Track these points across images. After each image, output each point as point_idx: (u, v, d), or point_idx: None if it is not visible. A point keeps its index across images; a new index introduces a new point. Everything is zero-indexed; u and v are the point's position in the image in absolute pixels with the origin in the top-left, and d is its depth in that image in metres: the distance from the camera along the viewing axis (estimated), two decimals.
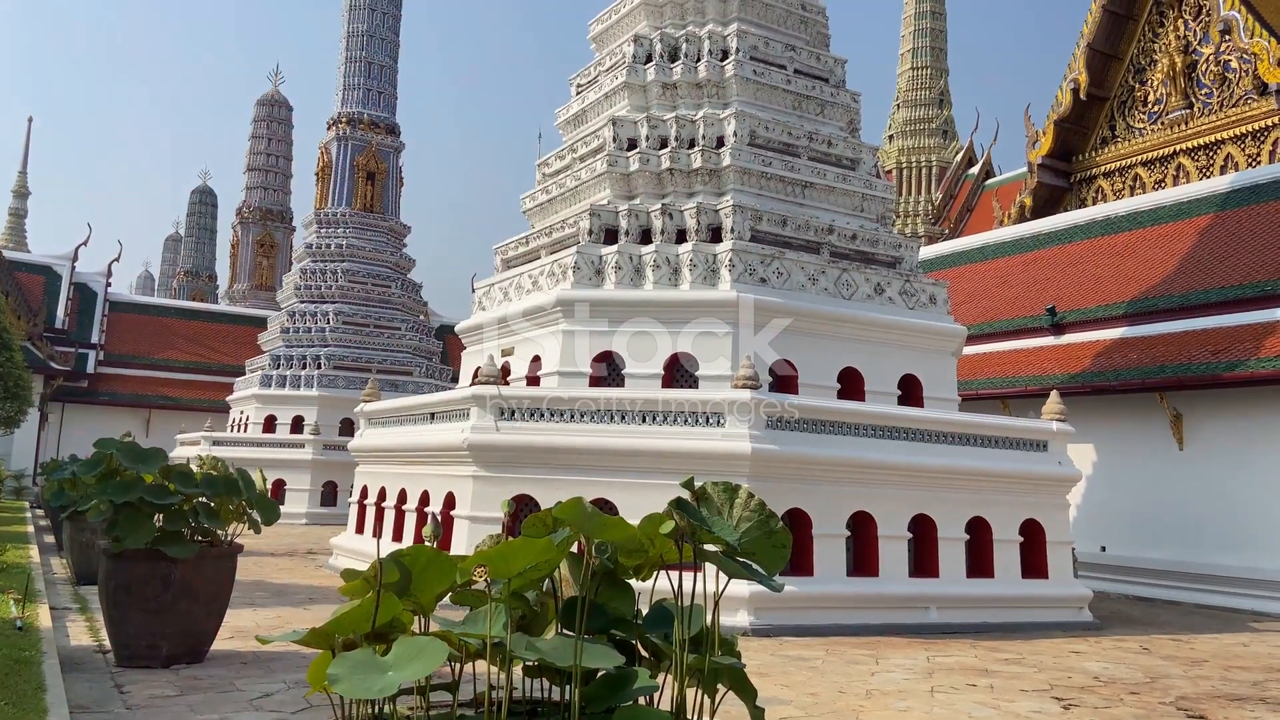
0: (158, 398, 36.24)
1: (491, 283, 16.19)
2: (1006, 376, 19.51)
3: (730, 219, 13.51)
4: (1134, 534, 16.86)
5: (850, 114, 16.06)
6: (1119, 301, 18.90)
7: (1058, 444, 13.06)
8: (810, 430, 11.28)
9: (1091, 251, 21.23)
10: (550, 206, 16.04)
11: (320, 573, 14.71)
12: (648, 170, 14.35)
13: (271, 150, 49.71)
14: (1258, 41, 21.22)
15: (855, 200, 15.15)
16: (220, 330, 40.72)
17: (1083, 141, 26.18)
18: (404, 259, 33.41)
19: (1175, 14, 24.14)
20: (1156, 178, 24.24)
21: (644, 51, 15.45)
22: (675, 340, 13.05)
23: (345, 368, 29.88)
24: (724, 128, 14.42)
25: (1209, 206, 19.38)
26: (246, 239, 48.53)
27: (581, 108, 16.42)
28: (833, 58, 16.16)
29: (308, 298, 31.37)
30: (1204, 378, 15.59)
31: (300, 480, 26.38)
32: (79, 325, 36.63)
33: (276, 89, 50.71)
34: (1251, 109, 22.19)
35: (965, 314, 20.60)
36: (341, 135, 32.71)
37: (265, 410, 29.21)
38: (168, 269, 75.32)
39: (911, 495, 11.72)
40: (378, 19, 33.33)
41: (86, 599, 10.85)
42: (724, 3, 15.56)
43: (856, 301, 14.06)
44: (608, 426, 11.34)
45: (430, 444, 12.88)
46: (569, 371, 13.20)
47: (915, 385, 14.21)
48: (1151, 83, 24.70)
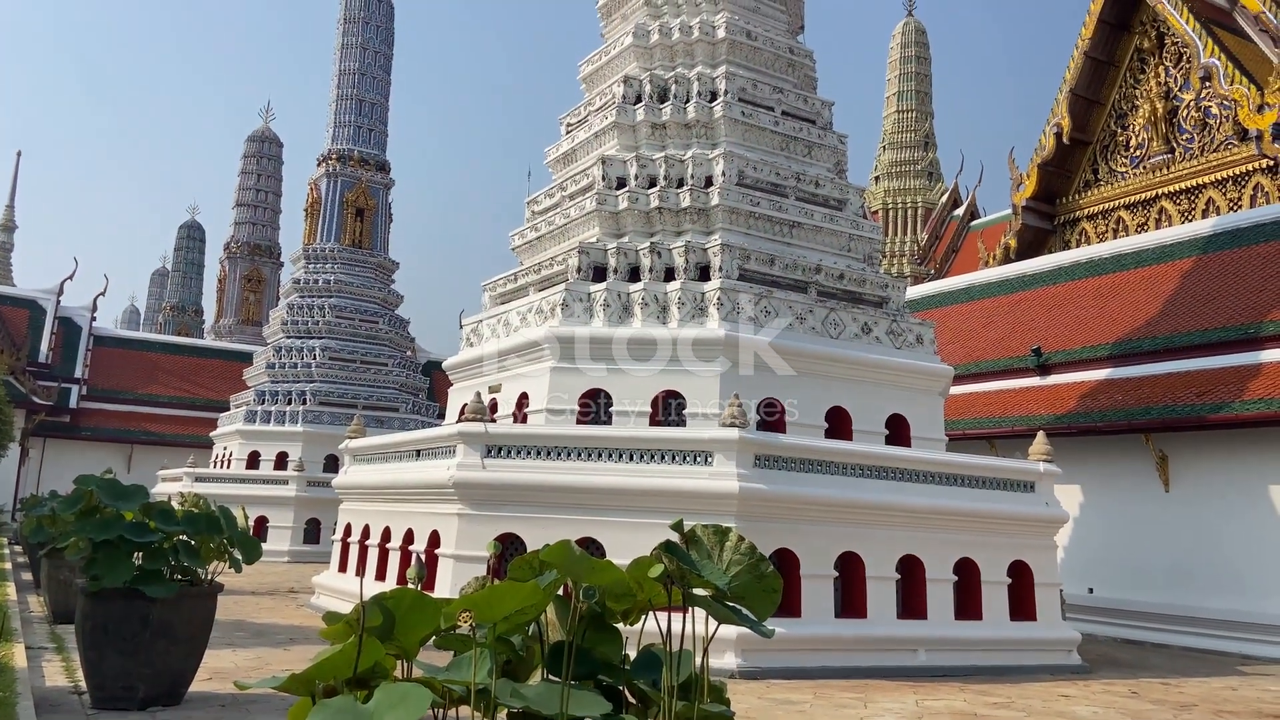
0: (140, 433, 35.92)
1: (480, 319, 16.18)
2: (993, 417, 19.54)
3: (718, 258, 13.57)
4: (1121, 576, 16.82)
5: (837, 155, 16.21)
6: (1104, 343, 19.01)
7: (1045, 485, 13.06)
8: (798, 469, 11.25)
9: (1076, 293, 21.39)
10: (539, 244, 16.08)
11: (302, 612, 14.49)
12: (637, 209, 14.42)
13: (261, 186, 49.81)
14: (1238, 88, 21.59)
15: (842, 240, 15.24)
16: (205, 365, 40.50)
17: (1066, 184, 26.49)
18: (392, 295, 33.39)
19: (1156, 61, 24.56)
20: (1139, 221, 24.52)
21: (634, 92, 15.59)
22: (663, 378, 13.03)
23: (331, 404, 29.71)
24: (713, 167, 14.53)
25: (1191, 249, 19.59)
26: (234, 274, 48.45)
27: (571, 146, 16.53)
28: (820, 100, 16.34)
29: (294, 333, 31.25)
30: (1189, 419, 15.66)
31: (283, 517, 26.10)
32: (63, 360, 36.37)
33: (267, 125, 50.93)
34: (1232, 154, 22.52)
35: (951, 354, 20.67)
36: (331, 172, 32.81)
37: (249, 446, 28.97)
38: (154, 303, 75.06)
39: (899, 536, 11.67)
40: (369, 57, 33.60)
41: (63, 638, 10.64)
42: (713, 46, 15.75)
43: (844, 341, 14.09)
44: (595, 465, 11.28)
45: (415, 481, 12.77)
46: (557, 409, 13.15)
47: (903, 425, 14.21)
48: (1133, 128, 25.07)
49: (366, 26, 33.68)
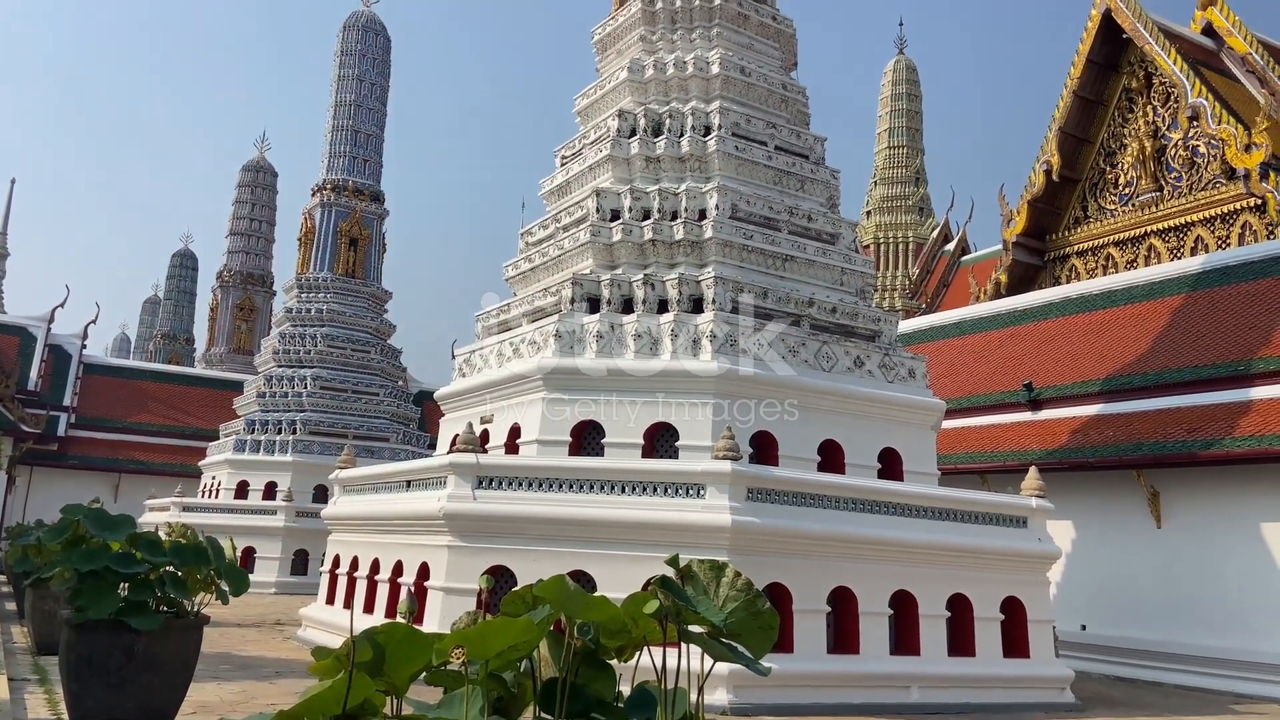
0: (129, 462, 35.64)
1: (472, 350, 16.16)
2: (985, 451, 19.54)
3: (712, 290, 13.60)
4: (1114, 613, 16.75)
5: (830, 190, 16.32)
6: (1095, 378, 19.07)
7: (1037, 520, 13.04)
8: (791, 503, 11.21)
9: (1067, 328, 21.49)
10: (533, 275, 16.11)
11: (289, 645, 14.33)
12: (630, 241, 14.47)
13: (255, 215, 49.86)
14: (1225, 128, 21.85)
15: (835, 274, 15.31)
16: (196, 394, 40.29)
17: (1056, 221, 26.70)
18: (384, 324, 33.36)
19: (1144, 100, 24.87)
20: (1128, 257, 24.70)
21: (628, 126, 15.70)
22: (656, 410, 13.01)
23: (321, 433, 29.56)
24: (706, 201, 14.60)
25: (1181, 287, 19.72)
26: (226, 302, 48.37)
27: (565, 179, 16.61)
28: (812, 135, 16.48)
29: (286, 362, 31.16)
30: (1180, 456, 15.68)
31: (271, 548, 25.88)
32: (52, 387, 36.14)
33: (262, 155, 51.10)
34: (1220, 193, 22.75)
35: (943, 388, 20.70)
36: (326, 202, 32.88)
37: (238, 476, 28.76)
38: (145, 331, 74.83)
39: (892, 571, 11.61)
40: (365, 89, 33.81)
41: (46, 670, 10.49)
42: (707, 81, 15.89)
43: (837, 374, 14.10)
44: (587, 497, 11.22)
45: (405, 512, 12.69)
46: (549, 440, 13.10)
47: (895, 459, 14.20)
48: (1122, 166, 25.33)
49: (363, 59, 33.94)
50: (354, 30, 34.21)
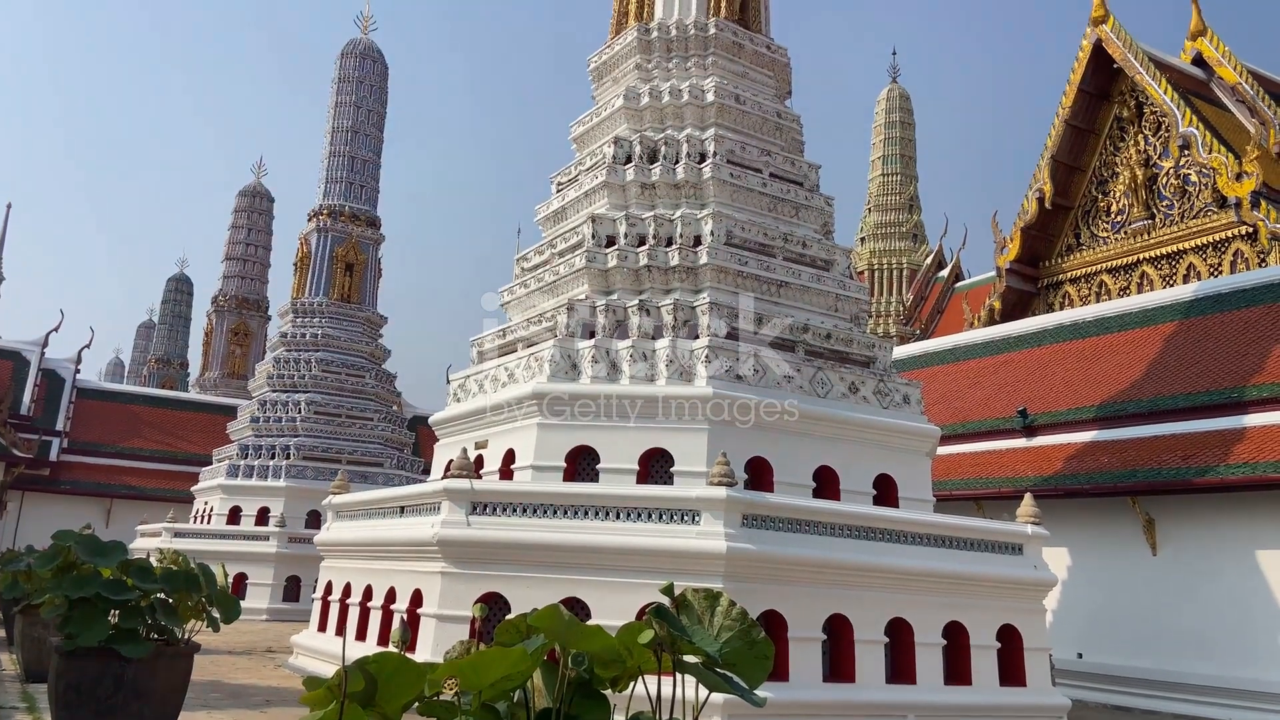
0: (121, 487, 35.45)
1: (467, 375, 16.14)
2: (980, 477, 19.53)
3: (707, 316, 13.62)
4: (1110, 641, 16.68)
5: (824, 217, 16.39)
6: (1089, 405, 19.10)
7: (1033, 547, 13.00)
8: (786, 530, 11.16)
9: (1061, 355, 21.55)
10: (528, 300, 16.13)
11: (280, 673, 14.20)
12: (626, 267, 14.50)
13: (251, 240, 49.95)
14: (1216, 157, 22.04)
15: (829, 300, 15.35)
16: (189, 419, 40.17)
17: (1049, 248, 26.85)
18: (379, 349, 33.34)
19: (1135, 129, 25.09)
20: (1121, 285, 24.82)
21: (624, 153, 15.78)
22: (650, 436, 12.99)
23: (315, 458, 29.43)
24: (701, 227, 14.65)
25: (1174, 314, 19.81)
26: (221, 327, 48.34)
27: (561, 204, 16.67)
28: (807, 163, 16.57)
29: (280, 387, 31.09)
30: (1175, 483, 15.68)
31: (263, 574, 25.69)
32: (45, 412, 36.01)
33: (259, 180, 51.25)
34: (1212, 221, 22.91)
35: (938, 414, 20.71)
36: (322, 227, 32.95)
37: (230, 501, 28.61)
38: (139, 356, 74.65)
39: (888, 598, 11.55)
40: (363, 115, 33.97)
41: (35, 698, 10.37)
42: (702, 109, 16.00)
43: (831, 400, 14.10)
44: (581, 523, 11.17)
45: (399, 539, 12.62)
46: (543, 466, 13.06)
47: (890, 485, 14.17)
48: (1114, 194, 25.51)
49: (360, 85, 34.13)
50: (352, 57, 34.43)
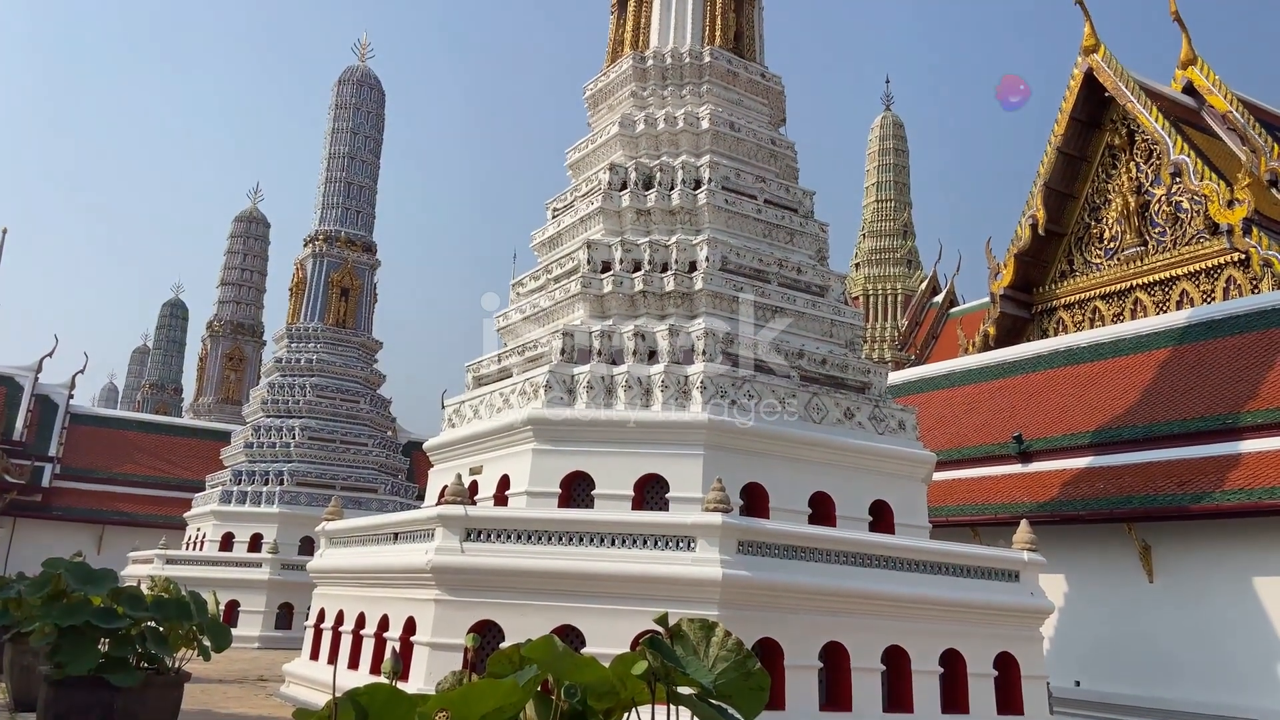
0: (113, 513, 35.24)
1: (462, 400, 16.11)
2: (975, 504, 19.49)
3: (702, 342, 13.63)
4: (1107, 668, 16.59)
5: (819, 243, 16.46)
6: (1084, 431, 19.10)
7: (1029, 574, 12.95)
8: (782, 556, 11.12)
9: (1055, 381, 21.57)
10: (523, 326, 16.13)
11: (271, 702, 14.05)
12: (621, 292, 14.52)
13: (247, 265, 49.97)
14: (1207, 184, 22.19)
15: (824, 326, 15.37)
16: (183, 444, 40.00)
17: (1042, 274, 26.96)
18: (374, 374, 33.28)
19: (1127, 157, 25.28)
20: (1115, 311, 24.91)
21: (619, 179, 15.85)
22: (646, 462, 12.95)
23: (309, 484, 29.29)
24: (696, 253, 14.70)
25: (1168, 340, 19.87)
26: (215, 352, 48.27)
27: (557, 230, 16.71)
28: (801, 190, 16.66)
29: (274, 412, 30.99)
30: (1171, 509, 15.65)
31: (255, 601, 25.49)
32: (38, 437, 35.84)
33: (255, 206, 51.35)
34: (1204, 248, 23.03)
35: (933, 440, 20.70)
36: (318, 252, 32.98)
37: (223, 528, 28.42)
38: (133, 381, 74.41)
39: (885, 626, 11.49)
40: (359, 142, 34.11)
41: None
42: (697, 136, 16.09)
43: (827, 426, 14.09)
44: (576, 549, 11.11)
45: (392, 565, 12.54)
46: (538, 492, 13.01)
47: (886, 511, 14.13)
48: (1107, 220, 25.65)
49: (357, 113, 34.29)
50: (349, 85, 34.62)
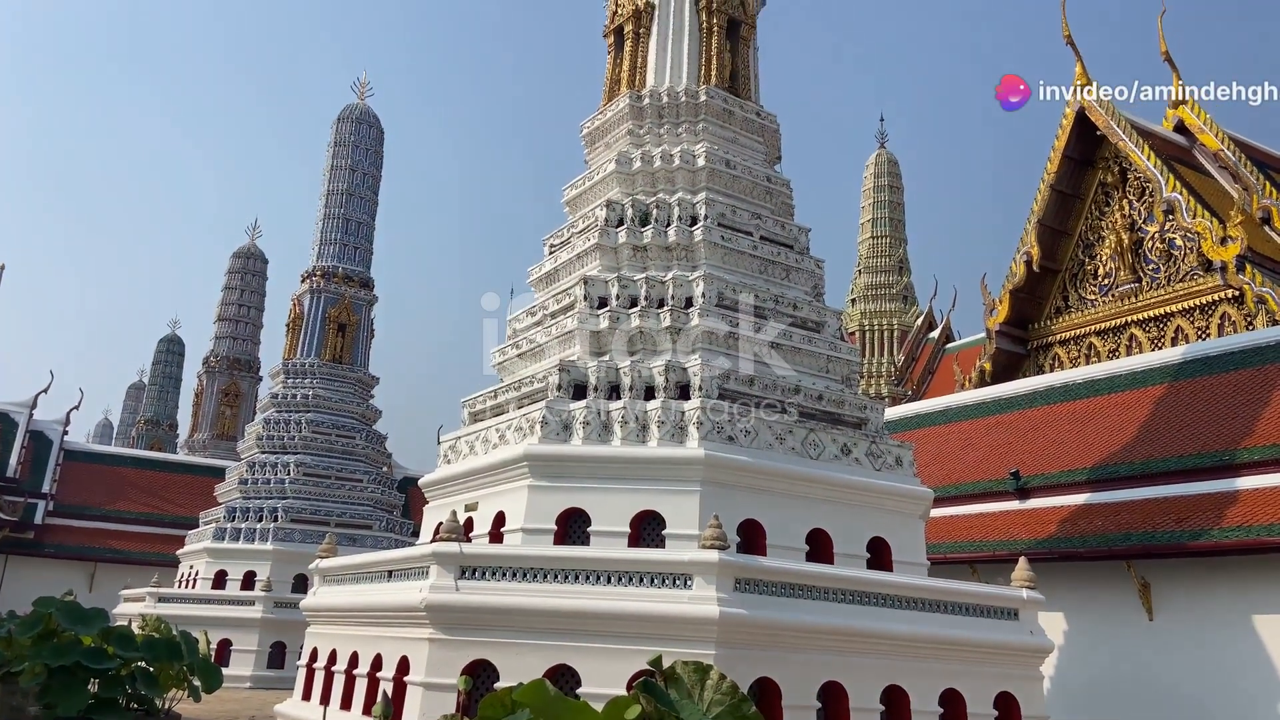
0: (105, 550, 34.96)
1: (458, 436, 16.05)
2: (974, 541, 19.39)
3: (698, 377, 13.61)
4: (1109, 707, 16.41)
5: (815, 279, 16.51)
6: (1081, 467, 19.06)
7: (1029, 612, 12.86)
8: (780, 594, 11.02)
9: (1052, 417, 21.56)
10: (520, 361, 16.12)
11: None
12: (618, 328, 14.53)
13: (244, 301, 50.03)
14: (1200, 221, 22.35)
15: (821, 361, 15.37)
16: (177, 481, 39.80)
17: (1037, 310, 27.06)
18: (370, 410, 33.20)
19: (1120, 194, 25.48)
20: (1110, 347, 24.97)
21: (616, 215, 15.92)
22: (642, 498, 12.88)
23: (303, 521, 29.08)
24: (693, 289, 14.73)
25: (1163, 376, 19.89)
26: (211, 388, 48.17)
27: (554, 266, 16.76)
28: (797, 226, 16.75)
29: (269, 448, 30.86)
30: (1169, 546, 15.58)
31: (247, 640, 25.21)
32: (32, 474, 35.66)
33: (253, 242, 51.52)
34: (1198, 284, 23.14)
35: (930, 476, 20.63)
36: (315, 288, 33.04)
37: (216, 565, 28.19)
38: (128, 417, 74.19)
39: (884, 665, 11.38)
40: (358, 178, 34.31)
41: None
42: (693, 173, 16.20)
43: (824, 462, 14.04)
44: (572, 587, 11.02)
45: (386, 604, 12.42)
46: (534, 528, 12.92)
47: (884, 549, 14.04)
48: (1100, 257, 25.80)
49: (356, 150, 34.53)
50: (348, 122, 34.90)
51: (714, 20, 17.32)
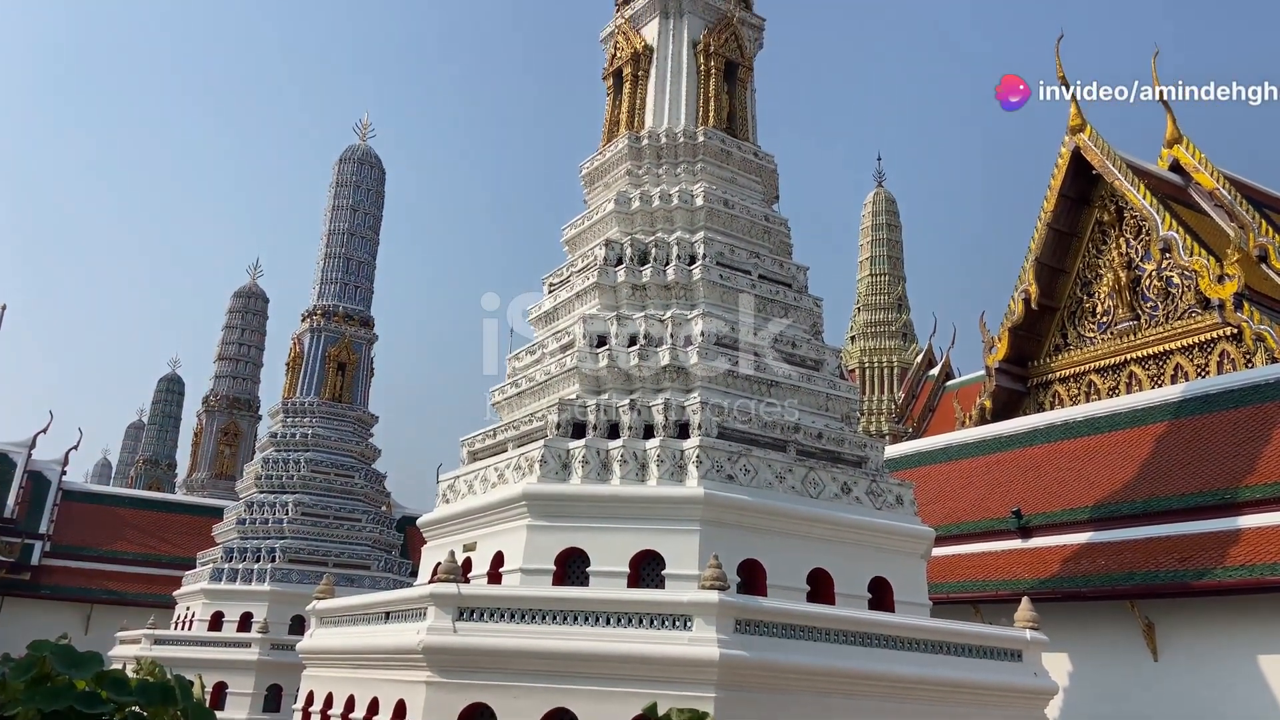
0: (102, 592, 34.69)
1: (456, 475, 16.00)
2: (976, 580, 19.25)
3: (697, 415, 13.60)
4: None
5: (813, 318, 16.56)
6: (1083, 506, 18.98)
7: (1033, 654, 12.73)
8: (781, 635, 10.92)
9: (1053, 455, 21.50)
10: (519, 400, 16.12)
11: None
12: (616, 367, 14.55)
13: (244, 340, 50.08)
14: (1197, 260, 22.45)
15: (820, 400, 15.37)
16: (175, 521, 39.58)
17: (1037, 348, 27.09)
18: (369, 449, 33.10)
19: (1117, 233, 25.61)
20: (1110, 384, 24.96)
21: (615, 255, 16.00)
22: (641, 538, 12.81)
23: (301, 561, 28.86)
24: (691, 328, 14.76)
25: (1163, 414, 19.87)
26: (210, 427, 48.07)
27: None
28: (795, 265, 16.82)
29: (268, 488, 30.74)
30: (1173, 586, 15.48)
31: (243, 683, 24.92)
32: (29, 514, 35.48)
33: (255, 282, 51.69)
34: (1196, 322, 23.19)
35: (931, 515, 20.51)
36: (315, 327, 33.08)
37: (213, 606, 27.93)
38: (127, 456, 73.99)
39: (888, 708, 11.24)
40: (359, 218, 34.47)
41: None
42: (691, 213, 16.30)
43: (824, 501, 13.98)
44: (570, 629, 10.92)
45: (383, 646, 12.30)
46: (532, 569, 12.84)
47: (886, 589, 13.93)
48: (1099, 295, 25.88)
49: (357, 190, 34.73)
50: (350, 163, 35.13)
51: (711, 63, 17.53)
